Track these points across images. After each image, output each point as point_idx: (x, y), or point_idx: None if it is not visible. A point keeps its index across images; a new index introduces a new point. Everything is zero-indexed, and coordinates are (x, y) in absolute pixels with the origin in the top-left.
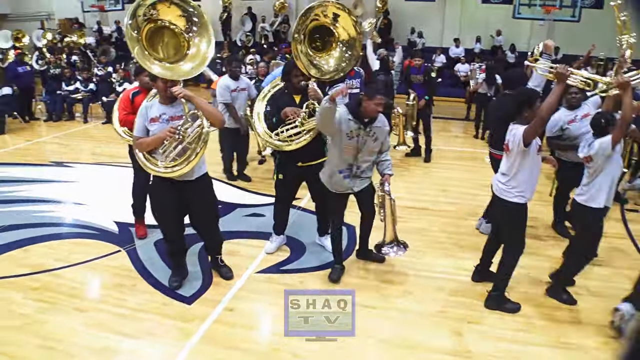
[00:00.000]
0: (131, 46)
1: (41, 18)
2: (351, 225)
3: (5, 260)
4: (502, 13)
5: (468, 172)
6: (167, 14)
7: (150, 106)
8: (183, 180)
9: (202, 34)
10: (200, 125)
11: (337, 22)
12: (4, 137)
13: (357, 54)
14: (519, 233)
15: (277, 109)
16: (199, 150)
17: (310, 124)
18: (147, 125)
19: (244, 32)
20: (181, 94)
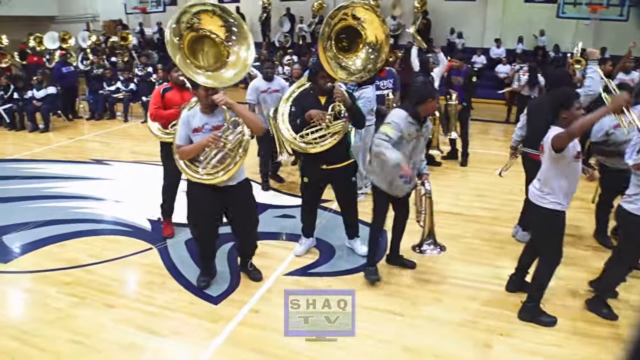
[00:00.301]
0: (173, 54)
1: (87, 20)
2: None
3: (42, 254)
4: (546, 12)
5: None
6: (209, 23)
7: (193, 115)
8: (224, 186)
9: (241, 42)
10: (241, 132)
11: (365, 23)
12: (48, 134)
13: (383, 56)
14: (556, 242)
15: (301, 110)
16: (239, 158)
17: (336, 126)
18: (190, 135)
19: (282, 33)
20: (222, 101)
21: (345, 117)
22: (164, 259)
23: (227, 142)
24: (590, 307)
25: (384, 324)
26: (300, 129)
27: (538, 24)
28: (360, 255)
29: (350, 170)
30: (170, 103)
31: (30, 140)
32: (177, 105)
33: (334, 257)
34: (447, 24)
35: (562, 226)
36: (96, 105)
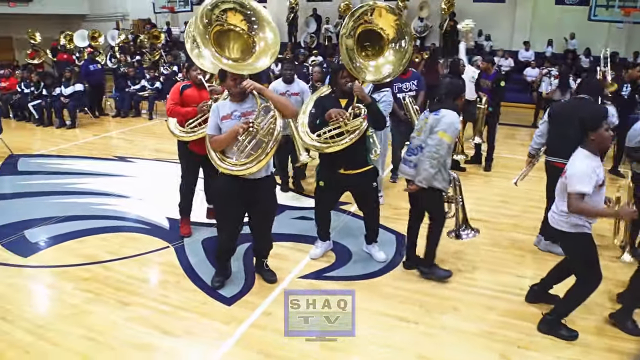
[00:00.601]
0: (203, 43)
1: (117, 18)
2: (401, 235)
3: (62, 249)
4: (577, 15)
5: (532, 183)
6: (232, 19)
7: (222, 105)
8: (251, 179)
9: (263, 26)
10: (273, 116)
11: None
12: (74, 131)
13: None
14: (590, 266)
15: (322, 110)
16: (270, 148)
17: (354, 124)
18: (219, 124)
19: (308, 34)
20: (251, 86)
21: (364, 115)
22: (180, 258)
23: (259, 127)
24: (614, 320)
25: (397, 332)
26: (318, 129)
27: (569, 26)
28: (377, 262)
29: (370, 177)
30: (188, 100)
31: (57, 136)
32: (194, 104)
33: (350, 262)
34: (475, 26)
35: (593, 249)
36: (122, 103)
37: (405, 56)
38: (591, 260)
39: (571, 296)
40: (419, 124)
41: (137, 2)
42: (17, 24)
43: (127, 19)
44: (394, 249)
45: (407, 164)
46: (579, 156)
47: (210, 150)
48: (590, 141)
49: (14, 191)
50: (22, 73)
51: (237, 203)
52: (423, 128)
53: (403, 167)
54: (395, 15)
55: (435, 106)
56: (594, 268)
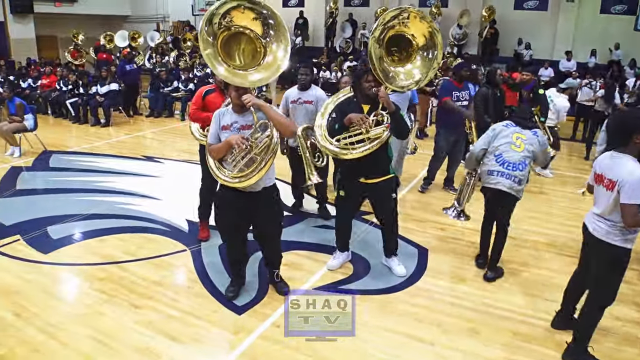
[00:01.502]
0: (203, 47)
1: (157, 20)
2: (423, 248)
3: (82, 247)
4: (623, 25)
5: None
6: (241, 19)
7: (224, 113)
8: (250, 191)
9: (279, 39)
10: (270, 135)
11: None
12: (108, 129)
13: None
14: (618, 281)
15: (342, 116)
16: (266, 162)
17: (376, 132)
18: (219, 132)
19: (344, 39)
20: (250, 102)
21: (387, 124)
22: (196, 263)
23: (254, 144)
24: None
25: (410, 351)
26: (337, 134)
27: (613, 36)
28: (397, 276)
29: (390, 186)
30: (211, 105)
31: (91, 134)
32: (217, 108)
33: (367, 275)
34: (515, 34)
35: (627, 266)
36: (156, 103)
37: (434, 65)
38: (620, 278)
39: (586, 316)
40: (507, 141)
41: (177, 4)
42: (62, 24)
43: (167, 20)
44: (415, 264)
45: (513, 178)
46: (632, 164)
47: (208, 158)
48: (635, 144)
49: (43, 187)
50: (62, 71)
51: (237, 213)
52: (519, 143)
53: (503, 180)
54: (428, 23)
55: (528, 124)
56: (618, 286)
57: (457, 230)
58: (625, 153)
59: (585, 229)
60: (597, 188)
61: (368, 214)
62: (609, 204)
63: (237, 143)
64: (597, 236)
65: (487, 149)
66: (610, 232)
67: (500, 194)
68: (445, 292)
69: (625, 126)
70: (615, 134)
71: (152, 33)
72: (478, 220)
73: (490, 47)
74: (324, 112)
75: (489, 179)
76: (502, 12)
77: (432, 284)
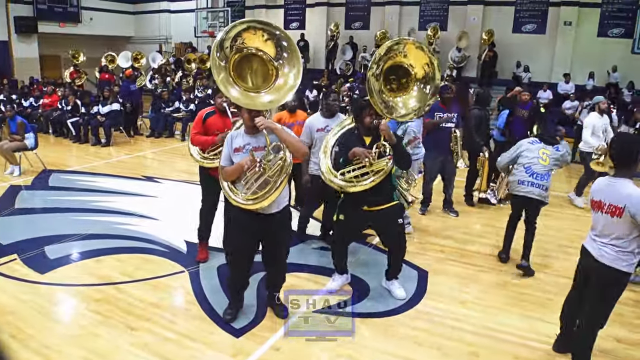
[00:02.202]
0: (216, 73)
1: (160, 41)
2: (423, 270)
3: (79, 268)
4: (620, 48)
5: (568, 220)
6: (253, 41)
7: (236, 136)
8: (265, 213)
9: (292, 62)
10: (283, 157)
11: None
12: (109, 149)
13: (437, 87)
14: (613, 307)
15: (346, 149)
16: (279, 184)
17: (379, 164)
18: (231, 155)
19: (344, 61)
20: (263, 125)
21: (390, 155)
22: (194, 284)
23: (267, 166)
24: None
25: None
26: (342, 167)
27: (611, 59)
28: (397, 299)
29: (394, 213)
30: (211, 128)
31: (92, 154)
32: (217, 131)
33: (367, 297)
34: (514, 57)
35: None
36: (156, 124)
37: (428, 100)
38: (616, 301)
39: (583, 340)
40: (534, 154)
41: (180, 26)
42: (66, 44)
43: (169, 42)
44: (415, 286)
45: (541, 187)
46: (632, 187)
47: (222, 180)
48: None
49: (41, 206)
50: (64, 91)
51: (250, 236)
52: (545, 157)
53: (533, 189)
54: (428, 57)
55: (552, 141)
56: (612, 308)
57: (457, 252)
58: (626, 177)
59: (588, 255)
60: (596, 215)
61: (369, 235)
62: (621, 230)
63: (248, 164)
64: (605, 262)
65: (512, 162)
66: (619, 258)
67: (530, 201)
68: (445, 315)
69: (632, 151)
70: (620, 155)
71: (154, 54)
72: (476, 242)
73: (489, 70)
74: (325, 148)
75: (520, 188)
76: (501, 35)
77: (432, 306)
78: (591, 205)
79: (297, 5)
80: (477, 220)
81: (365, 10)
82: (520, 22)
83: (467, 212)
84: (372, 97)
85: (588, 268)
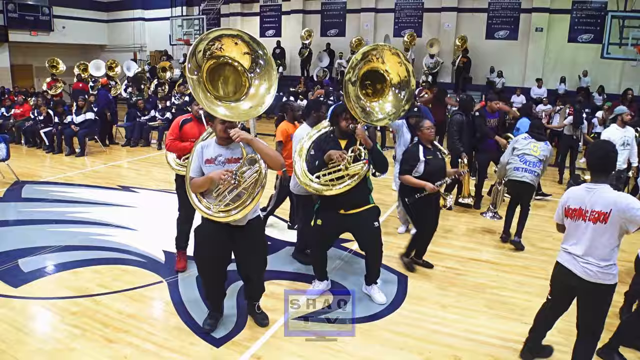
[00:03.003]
0: (195, 92)
1: (134, 49)
2: (403, 275)
3: (55, 281)
4: (590, 53)
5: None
6: (231, 49)
7: (207, 146)
8: (235, 225)
9: (263, 77)
10: (258, 170)
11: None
12: (83, 159)
13: (411, 93)
14: (605, 317)
15: (321, 153)
16: (255, 195)
17: (355, 168)
18: (202, 167)
19: (321, 68)
20: (238, 137)
21: (366, 159)
22: (172, 294)
23: (242, 179)
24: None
25: None
26: (317, 170)
27: (582, 64)
28: (378, 304)
29: (371, 216)
30: (188, 135)
31: (66, 164)
32: (193, 138)
33: (347, 303)
34: (487, 63)
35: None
36: (132, 133)
37: (403, 106)
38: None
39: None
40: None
41: (155, 34)
42: (38, 53)
43: (144, 50)
44: (395, 290)
45: (533, 173)
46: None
47: (190, 192)
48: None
49: (14, 218)
50: (36, 100)
51: (219, 247)
52: (535, 149)
53: (528, 174)
54: (403, 63)
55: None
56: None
57: (435, 256)
58: (605, 183)
59: (569, 273)
60: (575, 223)
61: (347, 241)
62: (605, 239)
63: (221, 178)
64: (590, 280)
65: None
66: (603, 273)
67: (524, 185)
68: (426, 319)
69: (608, 156)
70: (596, 163)
71: (129, 62)
72: (454, 245)
73: (463, 76)
74: (300, 151)
75: (516, 174)
76: (474, 41)
77: (413, 310)
78: (566, 214)
79: (272, 12)
80: (454, 223)
81: (341, 17)
82: (493, 29)
83: (445, 215)
84: (348, 102)
85: (571, 286)
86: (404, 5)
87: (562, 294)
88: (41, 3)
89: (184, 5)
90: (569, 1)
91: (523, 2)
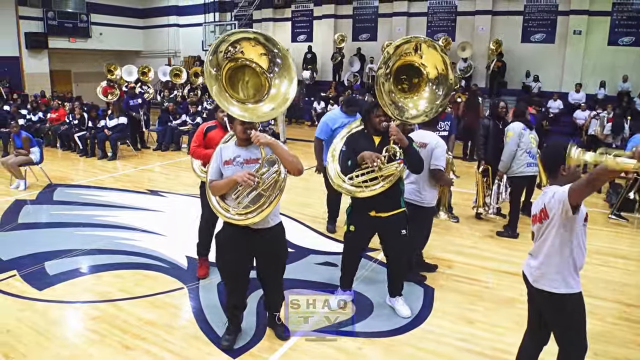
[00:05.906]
0: (209, 85)
1: (169, 55)
2: (430, 287)
3: (78, 284)
4: (631, 56)
5: None
6: (250, 52)
7: (226, 148)
8: (256, 229)
9: (283, 74)
10: (277, 171)
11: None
12: (115, 162)
13: (450, 88)
14: (578, 331)
15: (353, 151)
16: (273, 198)
17: (389, 169)
18: (221, 168)
19: (352, 73)
20: (258, 140)
21: (400, 159)
22: (193, 301)
23: (261, 181)
24: None
25: None
26: (350, 171)
27: (622, 68)
28: (401, 317)
29: (400, 221)
30: (212, 142)
31: (98, 167)
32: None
33: (370, 316)
34: (523, 67)
35: (581, 310)
36: (163, 137)
37: (440, 102)
38: (578, 324)
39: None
40: (528, 140)
41: (189, 40)
42: (76, 59)
43: (178, 55)
44: (421, 304)
45: (537, 165)
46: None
47: (210, 195)
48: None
49: (45, 221)
50: (72, 105)
51: (241, 253)
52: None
53: (534, 168)
54: (442, 56)
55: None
56: (582, 333)
57: (463, 269)
58: (554, 185)
59: (525, 280)
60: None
61: (373, 250)
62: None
63: (243, 179)
64: (538, 286)
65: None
66: (540, 277)
67: (533, 178)
68: (452, 335)
69: (556, 157)
70: (546, 165)
71: (163, 67)
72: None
73: (498, 80)
74: (333, 152)
75: (529, 170)
76: (509, 45)
77: (438, 325)
78: (532, 222)
79: (304, 17)
80: (484, 234)
81: (373, 22)
82: (529, 32)
83: (470, 226)
84: (381, 99)
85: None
86: (437, 8)
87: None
88: (79, 11)
89: (216, 11)
90: (609, 3)
91: (560, 4)
